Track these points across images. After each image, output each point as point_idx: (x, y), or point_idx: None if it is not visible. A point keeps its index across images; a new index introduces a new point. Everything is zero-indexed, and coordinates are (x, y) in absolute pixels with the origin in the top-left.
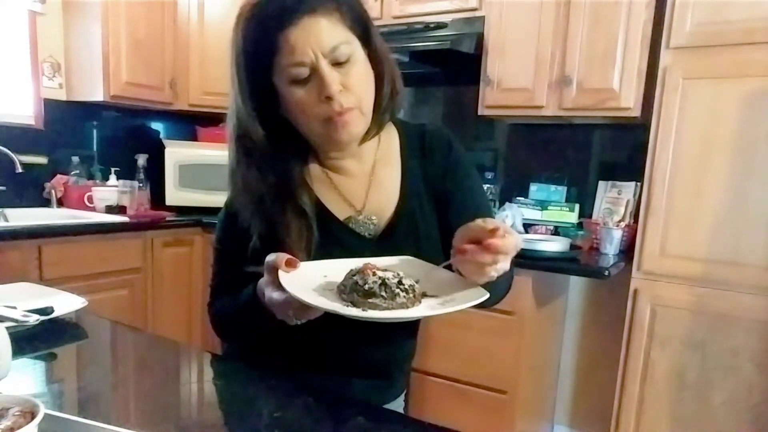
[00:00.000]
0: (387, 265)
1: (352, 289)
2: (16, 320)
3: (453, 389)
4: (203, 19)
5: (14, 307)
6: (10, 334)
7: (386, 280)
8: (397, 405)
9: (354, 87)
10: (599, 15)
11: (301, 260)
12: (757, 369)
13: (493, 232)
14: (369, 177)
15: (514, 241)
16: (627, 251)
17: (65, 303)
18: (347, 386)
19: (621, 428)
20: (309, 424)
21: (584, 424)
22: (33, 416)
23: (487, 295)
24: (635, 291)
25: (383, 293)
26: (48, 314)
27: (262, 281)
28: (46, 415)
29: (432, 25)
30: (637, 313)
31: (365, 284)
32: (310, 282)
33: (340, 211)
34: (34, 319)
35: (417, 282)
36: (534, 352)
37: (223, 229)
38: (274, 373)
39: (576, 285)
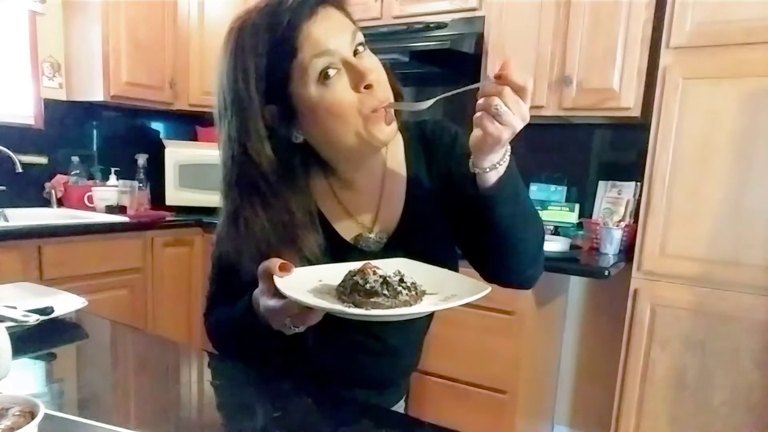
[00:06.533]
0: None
1: (353, 289)
2: (16, 320)
3: (453, 389)
4: (203, 19)
5: (14, 307)
6: (10, 334)
7: (387, 279)
8: (398, 407)
9: (382, 79)
10: (599, 15)
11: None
12: (757, 369)
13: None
14: (379, 192)
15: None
16: (627, 251)
17: (65, 303)
18: (349, 395)
19: (621, 428)
20: (309, 425)
21: (584, 424)
22: (33, 416)
23: (489, 289)
24: (635, 291)
25: (385, 292)
26: (48, 314)
27: (256, 292)
28: (46, 415)
29: (432, 25)
30: (637, 313)
31: (366, 284)
32: (306, 286)
33: (348, 230)
34: (34, 319)
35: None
36: (534, 352)
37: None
38: (274, 373)
39: (576, 285)
